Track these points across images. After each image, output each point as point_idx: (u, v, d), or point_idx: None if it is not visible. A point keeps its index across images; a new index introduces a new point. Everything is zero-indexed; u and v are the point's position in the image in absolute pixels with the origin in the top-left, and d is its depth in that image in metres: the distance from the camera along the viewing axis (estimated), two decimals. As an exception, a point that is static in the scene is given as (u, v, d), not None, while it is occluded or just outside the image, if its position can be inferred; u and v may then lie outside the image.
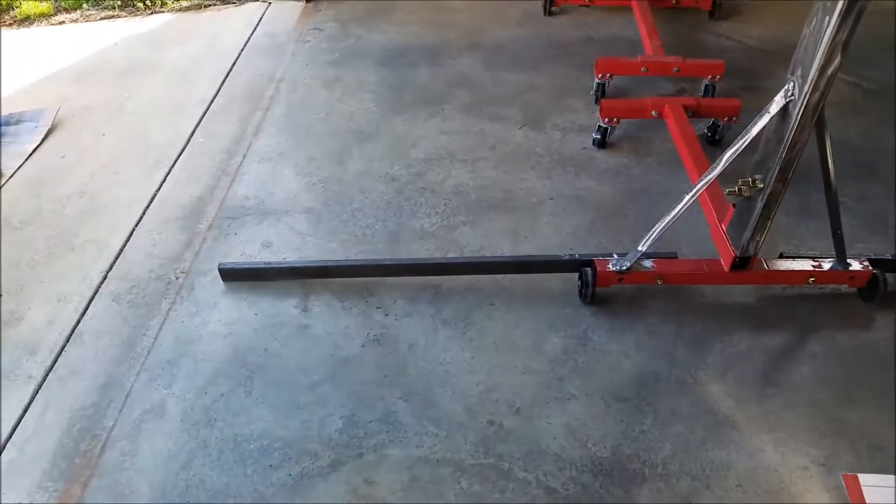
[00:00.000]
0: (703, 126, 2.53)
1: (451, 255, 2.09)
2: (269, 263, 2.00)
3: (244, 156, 2.55)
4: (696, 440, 1.60)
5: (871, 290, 1.89)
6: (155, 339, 1.91)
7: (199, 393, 1.76)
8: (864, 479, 1.52)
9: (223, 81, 3.03)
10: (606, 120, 2.45)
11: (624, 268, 1.84)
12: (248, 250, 2.13)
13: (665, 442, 1.60)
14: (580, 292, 1.92)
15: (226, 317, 1.94)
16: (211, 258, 2.12)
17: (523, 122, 2.67)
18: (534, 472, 1.56)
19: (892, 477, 1.52)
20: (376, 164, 2.47)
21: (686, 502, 1.49)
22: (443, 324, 1.89)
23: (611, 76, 2.71)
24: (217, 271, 2.03)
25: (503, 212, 2.26)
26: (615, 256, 1.88)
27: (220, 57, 3.22)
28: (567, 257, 1.94)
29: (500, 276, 2.00)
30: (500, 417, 1.67)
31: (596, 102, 2.69)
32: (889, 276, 1.89)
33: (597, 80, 2.71)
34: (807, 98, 1.42)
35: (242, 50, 3.26)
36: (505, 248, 2.12)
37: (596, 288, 1.88)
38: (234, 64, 3.15)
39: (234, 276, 2.02)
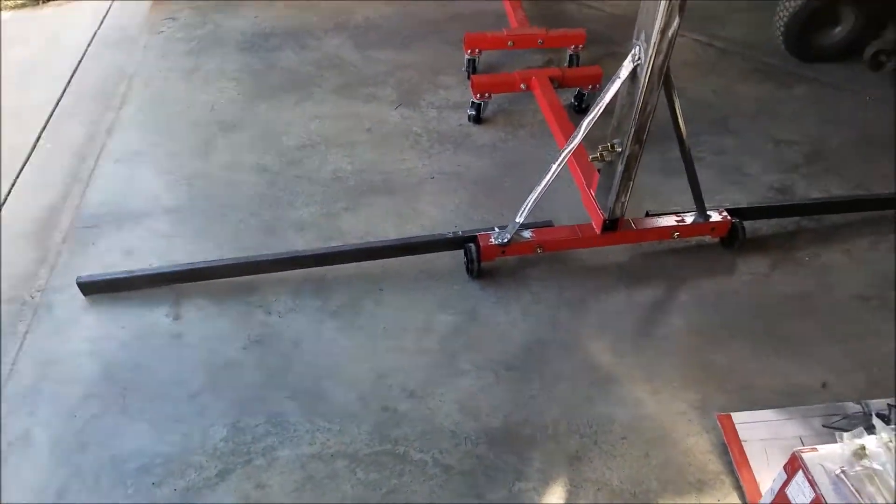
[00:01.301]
0: (570, 96, 2.60)
1: (334, 243, 2.03)
2: (133, 272, 1.86)
3: (97, 158, 2.36)
4: (580, 399, 1.65)
5: (731, 239, 2.02)
6: (12, 365, 1.74)
7: (67, 417, 1.62)
8: (736, 416, 1.62)
9: (69, 81, 2.79)
10: (479, 95, 2.47)
11: (505, 240, 1.86)
12: (109, 260, 1.98)
13: (552, 404, 1.64)
14: (467, 268, 1.93)
15: (90, 334, 1.80)
16: (68, 273, 1.94)
17: (398, 101, 2.64)
18: (430, 451, 1.56)
19: (762, 412, 1.63)
20: (245, 156, 2.36)
21: (575, 458, 1.54)
22: (330, 315, 1.84)
23: (480, 51, 2.72)
24: (76, 286, 1.87)
25: (384, 194, 2.22)
26: (496, 230, 1.90)
27: (65, 55, 2.95)
28: (451, 235, 1.94)
29: (387, 261, 1.97)
30: (393, 402, 1.65)
31: (468, 78, 2.70)
32: (747, 223, 2.03)
33: (467, 56, 2.72)
34: (652, 60, 1.47)
35: (89, 46, 3.00)
36: (389, 232, 2.08)
37: (481, 262, 1.89)
38: (80, 61, 2.90)
39: (94, 289, 1.87)
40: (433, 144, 2.43)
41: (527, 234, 1.87)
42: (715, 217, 1.97)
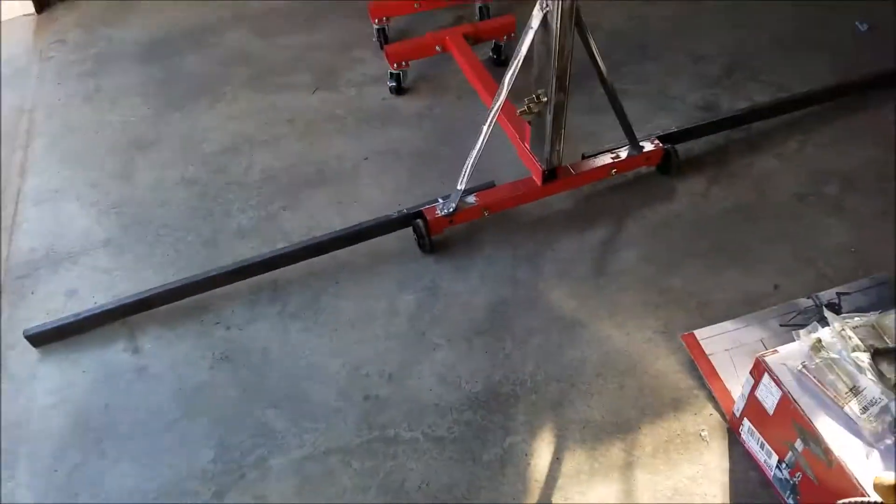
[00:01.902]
0: (488, 49, 2.58)
1: (280, 245, 1.99)
2: (79, 314, 1.79)
3: (16, 203, 2.24)
4: (552, 348, 1.69)
5: (666, 165, 2.06)
6: (-24, 434, 1.67)
7: (48, 473, 1.57)
8: (699, 333, 1.69)
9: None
10: (396, 65, 2.42)
11: (451, 210, 1.86)
12: (52, 306, 1.90)
13: (527, 359, 1.68)
14: (418, 244, 1.93)
15: (51, 385, 1.73)
16: (14, 327, 1.86)
17: (315, 85, 2.57)
18: (419, 428, 1.58)
19: (722, 324, 1.70)
20: (168, 171, 2.27)
21: (557, 404, 1.58)
22: (291, 318, 1.82)
23: (388, 19, 2.66)
24: (25, 339, 1.80)
25: (321, 185, 2.19)
26: (440, 201, 1.89)
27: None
28: (396, 214, 1.92)
29: (337, 253, 1.94)
30: (374, 390, 1.66)
31: (381, 49, 2.64)
32: (680, 146, 2.07)
33: (375, 26, 2.66)
34: (560, 4, 1.46)
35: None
36: (334, 222, 2.05)
37: (431, 236, 1.89)
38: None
39: (44, 339, 1.80)
40: (360, 124, 2.38)
41: (471, 199, 1.88)
42: (648, 147, 2.01)
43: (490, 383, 1.64)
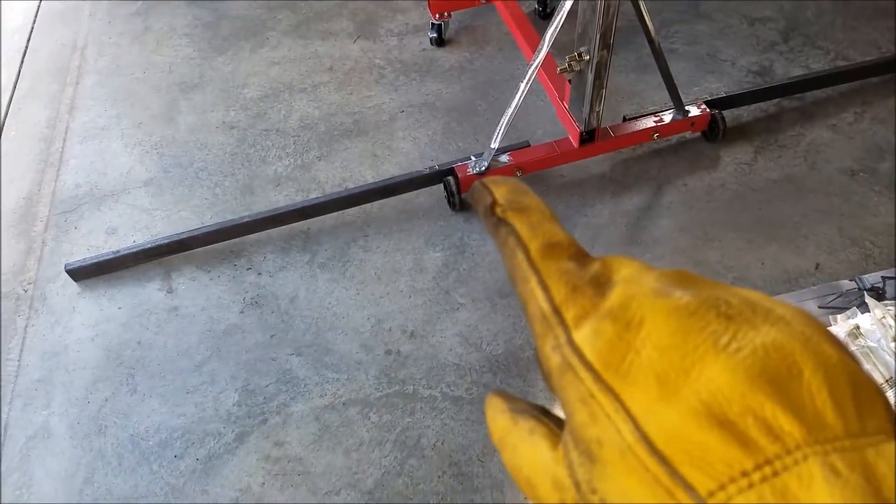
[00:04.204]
0: (534, 1, 2.49)
1: (314, 195, 2.00)
2: (118, 251, 1.85)
3: (64, 140, 2.30)
4: (578, 316, 1.67)
5: (712, 131, 1.98)
6: (19, 360, 1.76)
7: (81, 404, 1.66)
8: (730, 309, 1.64)
9: (21, 62, 2.68)
10: (438, 16, 2.36)
11: (483, 168, 1.83)
12: (94, 242, 1.97)
13: (552, 325, 1.66)
14: (448, 202, 1.91)
15: (88, 319, 1.81)
16: (56, 261, 1.94)
17: (357, 34, 2.54)
18: (437, 387, 1.59)
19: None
20: (210, 115, 2.29)
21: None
22: (320, 268, 1.84)
23: (433, -33, 2.58)
24: (66, 273, 1.87)
25: (356, 136, 2.18)
26: (473, 159, 1.87)
27: (10, 36, 2.82)
28: (428, 170, 1.91)
29: (368, 206, 1.94)
30: (396, 345, 1.68)
31: (425, -2, 2.57)
32: (727, 112, 1.98)
33: (421, -26, 2.58)
34: (608, -41, 1.39)
35: (34, 22, 2.87)
36: (367, 175, 2.05)
37: (462, 194, 1.87)
38: (28, 41, 2.78)
39: (84, 273, 1.87)
40: (398, 76, 2.35)
41: (504, 158, 1.84)
42: (694, 111, 1.93)
43: (512, 347, 1.64)
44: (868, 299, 1.37)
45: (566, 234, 0.27)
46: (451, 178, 1.85)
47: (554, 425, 0.25)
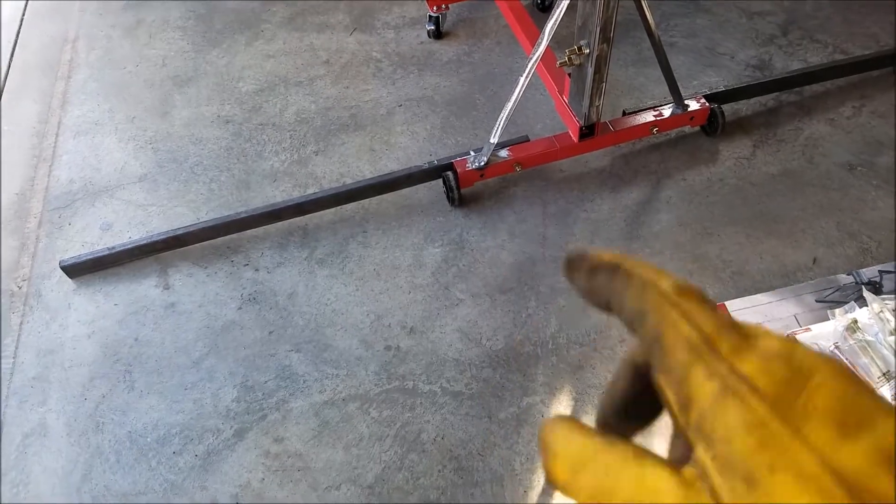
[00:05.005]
0: (532, -7, 2.48)
1: (311, 190, 1.99)
2: (114, 247, 1.84)
3: (56, 135, 2.28)
4: (577, 310, 1.67)
5: (711, 126, 1.97)
6: (14, 358, 1.75)
7: (78, 401, 1.64)
8: (730, 304, 1.64)
9: (11, 56, 2.64)
10: (435, 8, 2.34)
11: (482, 163, 1.82)
12: (88, 238, 1.95)
13: (550, 319, 1.66)
14: (447, 197, 1.90)
15: (84, 316, 1.79)
16: (50, 257, 1.92)
17: (353, 26, 2.52)
18: (437, 382, 1.59)
19: (755, 296, 1.65)
20: (204, 109, 2.27)
21: (578, 368, 1.57)
22: (318, 264, 1.83)
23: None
24: (60, 270, 1.85)
25: (354, 131, 2.16)
26: (472, 154, 1.86)
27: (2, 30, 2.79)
28: (427, 165, 1.89)
29: (366, 201, 1.93)
30: (395, 341, 1.67)
31: (422, -10, 2.56)
32: (727, 106, 1.98)
33: (418, -34, 2.56)
34: (609, -47, 1.38)
35: (24, 16, 2.83)
36: (365, 170, 2.04)
37: (461, 189, 1.86)
38: (18, 34, 2.74)
39: (79, 270, 1.85)
40: (396, 69, 2.33)
41: (503, 153, 1.83)
42: (693, 105, 1.92)
43: (511, 342, 1.63)
44: (866, 293, 1.37)
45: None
46: (450, 173, 1.84)
47: (661, 457, 0.24)
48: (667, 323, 0.24)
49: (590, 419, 0.26)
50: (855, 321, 1.31)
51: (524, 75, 1.67)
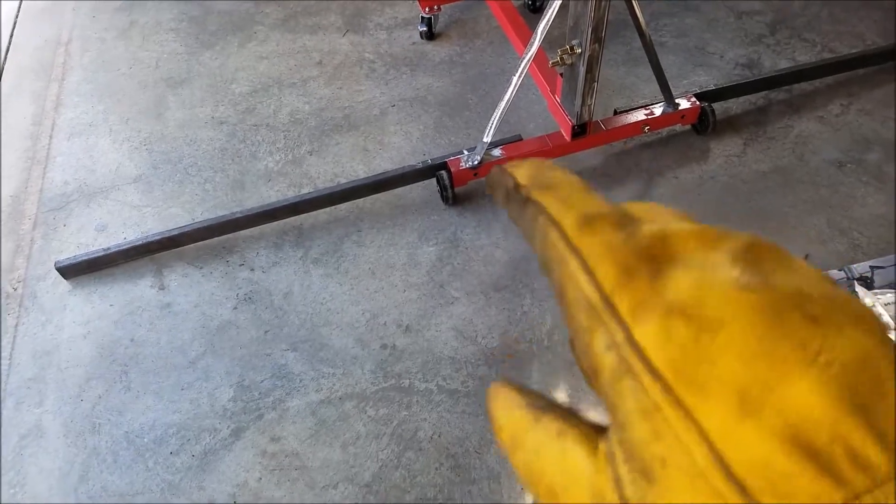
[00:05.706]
0: (523, -6, 2.50)
1: (305, 190, 2.00)
2: (109, 248, 1.84)
3: (50, 136, 2.28)
4: (572, 308, 1.68)
5: (702, 124, 1.99)
6: (10, 359, 1.75)
7: (74, 402, 1.65)
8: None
9: (5, 58, 2.64)
10: (427, 9, 2.36)
11: (475, 162, 1.83)
12: (83, 240, 1.95)
13: (545, 316, 1.67)
14: (441, 196, 1.91)
15: (79, 317, 1.79)
16: (45, 259, 1.92)
17: (345, 27, 2.53)
18: (433, 380, 1.60)
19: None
20: (198, 110, 2.27)
21: (573, 365, 1.58)
22: (314, 263, 1.84)
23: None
24: (55, 271, 1.86)
25: (347, 131, 2.17)
26: (465, 153, 1.87)
27: (-7, 31, 2.79)
28: (421, 165, 1.90)
29: (360, 201, 1.94)
30: (391, 339, 1.68)
31: (415, -9, 2.57)
32: (717, 104, 2.00)
33: (410, -32, 2.58)
34: (600, -47, 1.40)
35: (17, 18, 2.83)
36: (359, 170, 2.05)
37: (455, 188, 1.87)
38: (11, 36, 2.74)
39: (75, 271, 1.85)
40: (388, 70, 2.34)
41: (497, 152, 1.85)
42: (684, 104, 1.94)
43: (506, 340, 1.65)
44: (858, 288, 1.39)
45: (604, 201, 0.23)
46: (443, 173, 1.85)
47: (586, 428, 0.22)
48: (565, 276, 0.21)
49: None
50: (844, 315, 1.33)
51: (517, 75, 1.68)
